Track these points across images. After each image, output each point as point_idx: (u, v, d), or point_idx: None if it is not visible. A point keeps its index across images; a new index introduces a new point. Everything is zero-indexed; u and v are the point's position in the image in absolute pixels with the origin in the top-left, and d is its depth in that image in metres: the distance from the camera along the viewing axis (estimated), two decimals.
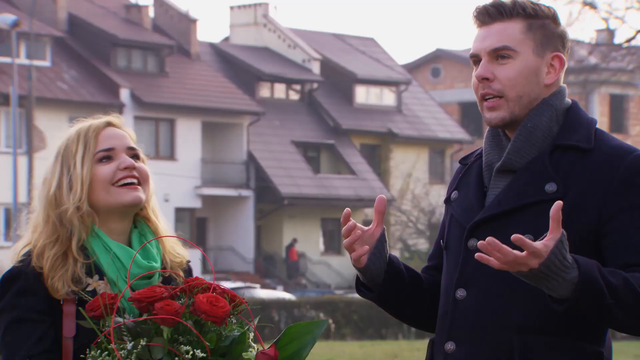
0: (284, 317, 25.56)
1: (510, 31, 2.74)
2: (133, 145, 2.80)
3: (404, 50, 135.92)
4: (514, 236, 2.48)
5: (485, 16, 2.76)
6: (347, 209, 2.76)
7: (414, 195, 42.62)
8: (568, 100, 2.80)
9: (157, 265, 2.74)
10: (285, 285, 38.08)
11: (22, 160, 30.19)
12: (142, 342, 2.47)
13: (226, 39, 46.06)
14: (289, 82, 43.21)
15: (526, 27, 2.75)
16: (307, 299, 27.26)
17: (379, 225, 2.80)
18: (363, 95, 44.82)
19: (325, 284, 39.80)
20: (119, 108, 36.81)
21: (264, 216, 40.41)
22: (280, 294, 30.05)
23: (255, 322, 2.63)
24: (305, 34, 46.51)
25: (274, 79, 42.72)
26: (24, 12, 36.38)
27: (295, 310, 25.79)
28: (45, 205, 2.74)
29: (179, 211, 38.12)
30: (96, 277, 2.66)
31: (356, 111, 44.09)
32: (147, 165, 2.83)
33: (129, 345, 2.47)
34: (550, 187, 2.68)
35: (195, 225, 39.13)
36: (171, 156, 38.30)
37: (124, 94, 37.37)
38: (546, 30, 2.76)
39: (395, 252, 42.20)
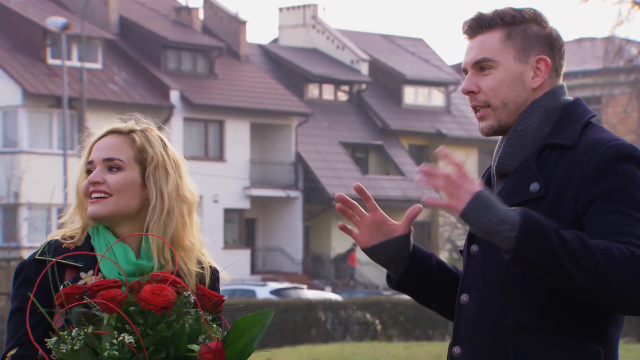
0: (330, 317, 25.64)
1: (489, 42, 2.79)
2: (111, 155, 2.90)
3: (453, 50, 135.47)
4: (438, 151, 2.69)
5: (468, 30, 2.83)
6: (338, 194, 2.85)
7: None
8: (568, 98, 2.82)
9: (150, 264, 2.85)
10: (334, 286, 38.15)
11: (73, 162, 30.53)
12: (88, 330, 2.57)
13: (275, 41, 46.22)
14: (337, 83, 43.29)
15: (505, 35, 2.79)
16: (354, 300, 27.27)
17: (402, 226, 2.86)
18: (412, 95, 44.79)
19: (373, 285, 39.81)
20: (169, 110, 37.14)
21: (312, 217, 40.51)
22: (327, 294, 30.11)
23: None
24: (353, 35, 46.56)
25: (322, 80, 42.82)
26: (76, 15, 36.81)
27: (342, 310, 25.83)
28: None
29: (228, 212, 38.34)
30: (90, 272, 2.78)
31: (405, 112, 44.07)
32: (123, 175, 2.90)
33: (74, 332, 2.58)
34: (534, 187, 2.72)
35: (244, 226, 39.33)
36: (220, 157, 38.53)
37: (174, 96, 37.66)
38: (527, 35, 2.79)
39: (444, 253, 42.11)
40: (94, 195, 2.89)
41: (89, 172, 2.93)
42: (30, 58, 36.05)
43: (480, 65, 2.80)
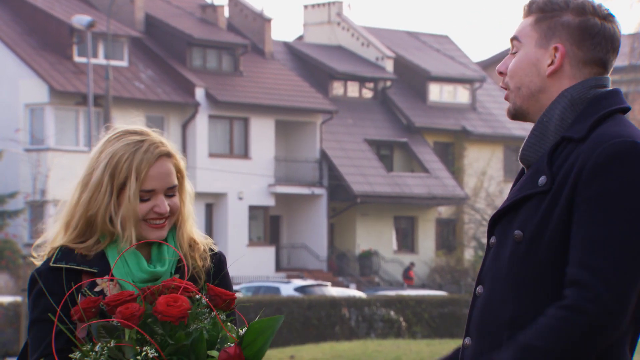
0: (354, 314, 25.67)
1: (523, 24, 2.84)
2: (173, 183, 2.93)
3: (479, 47, 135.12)
4: None
5: (523, 13, 2.89)
6: None
7: (487, 194, 42.44)
8: (601, 90, 2.77)
9: (162, 269, 2.87)
10: (358, 283, 38.18)
11: None
12: (111, 344, 2.61)
13: (300, 38, 46.30)
14: (362, 81, 43.32)
15: (535, 20, 2.82)
16: (378, 297, 27.29)
17: None
18: (437, 93, 44.75)
19: (398, 282, 39.82)
20: (194, 107, 37.25)
21: (336, 214, 40.55)
22: (351, 291, 30.14)
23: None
24: (378, 32, 46.56)
25: (347, 78, 42.85)
26: (102, 13, 37.00)
27: (366, 308, 25.87)
28: (82, 211, 2.90)
29: (253, 209, 38.44)
30: (105, 278, 2.80)
31: (430, 109, 44.04)
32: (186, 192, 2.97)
33: (97, 347, 2.61)
34: (542, 180, 2.71)
35: (269, 223, 39.42)
36: (245, 155, 38.62)
37: (199, 93, 37.78)
38: (553, 22, 2.80)
39: (469, 250, 42.07)
40: (157, 222, 2.91)
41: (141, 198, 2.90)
42: (56, 56, 36.26)
43: (512, 44, 2.84)
